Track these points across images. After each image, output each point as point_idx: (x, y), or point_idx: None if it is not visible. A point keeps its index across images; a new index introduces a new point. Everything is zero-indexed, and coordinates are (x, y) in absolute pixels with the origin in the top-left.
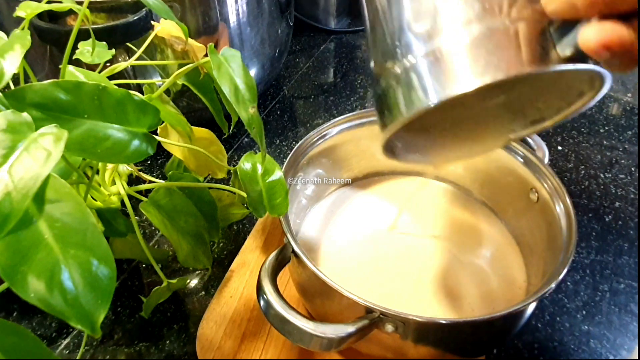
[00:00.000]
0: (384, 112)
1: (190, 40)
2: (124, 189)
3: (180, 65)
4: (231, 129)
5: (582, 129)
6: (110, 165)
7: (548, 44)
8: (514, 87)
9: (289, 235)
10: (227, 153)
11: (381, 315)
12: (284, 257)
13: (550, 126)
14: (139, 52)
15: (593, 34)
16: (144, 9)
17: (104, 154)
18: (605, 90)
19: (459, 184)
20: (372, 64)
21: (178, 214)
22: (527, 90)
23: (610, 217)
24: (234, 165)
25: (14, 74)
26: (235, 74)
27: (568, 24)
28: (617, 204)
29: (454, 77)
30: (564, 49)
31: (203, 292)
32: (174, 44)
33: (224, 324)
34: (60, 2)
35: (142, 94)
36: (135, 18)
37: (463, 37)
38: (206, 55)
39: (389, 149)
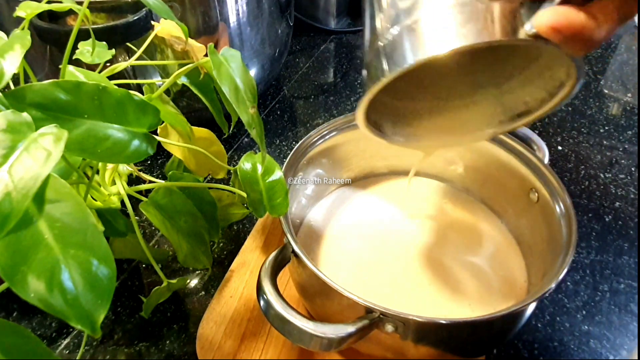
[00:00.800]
0: (367, 84)
1: (190, 40)
2: (124, 189)
3: (180, 65)
4: (231, 129)
5: (582, 129)
6: (110, 165)
7: (517, 22)
8: (504, 82)
9: (289, 235)
10: (227, 153)
11: (381, 315)
12: (284, 257)
13: (534, 119)
14: (139, 52)
15: (546, 16)
16: (144, 9)
17: (104, 154)
18: (580, 81)
19: (459, 183)
20: (364, 48)
21: (178, 214)
22: (516, 83)
23: (610, 217)
24: (234, 165)
25: (14, 74)
26: (235, 74)
27: (535, 6)
28: (617, 204)
29: (428, 42)
30: (530, 28)
31: (203, 292)
32: (174, 44)
33: (224, 324)
34: (60, 2)
35: (142, 94)
36: (135, 18)
37: (441, 10)
38: (206, 55)
39: (375, 125)
